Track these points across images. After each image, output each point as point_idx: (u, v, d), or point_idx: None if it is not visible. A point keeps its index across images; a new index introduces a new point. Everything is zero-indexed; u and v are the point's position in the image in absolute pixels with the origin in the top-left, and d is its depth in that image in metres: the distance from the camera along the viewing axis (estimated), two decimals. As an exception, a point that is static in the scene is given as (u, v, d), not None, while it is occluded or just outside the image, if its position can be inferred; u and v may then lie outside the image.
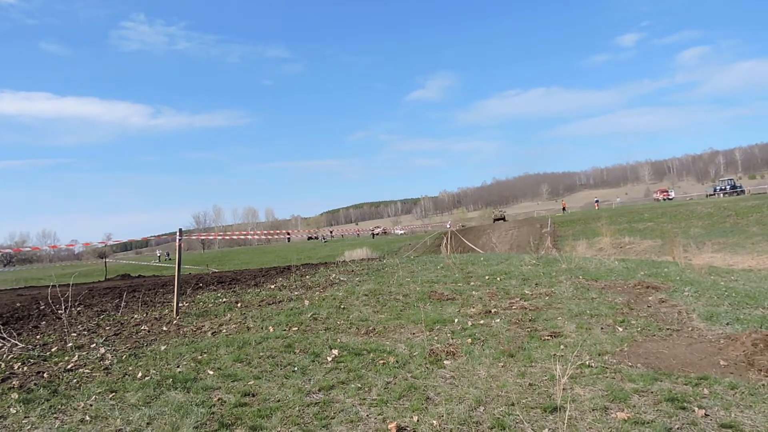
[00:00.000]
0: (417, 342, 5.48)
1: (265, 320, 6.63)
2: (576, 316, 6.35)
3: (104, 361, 5.07)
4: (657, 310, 6.71)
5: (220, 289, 9.83)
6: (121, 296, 8.97)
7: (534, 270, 10.15)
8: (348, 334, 5.93)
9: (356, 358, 4.95)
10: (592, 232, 30.18)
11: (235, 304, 7.82)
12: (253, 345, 5.44)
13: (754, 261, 18.09)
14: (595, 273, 9.63)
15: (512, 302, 7.27)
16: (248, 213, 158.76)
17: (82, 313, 7.62)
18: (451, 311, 6.84)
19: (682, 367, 4.57)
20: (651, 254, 21.57)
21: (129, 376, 4.60)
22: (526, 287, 8.35)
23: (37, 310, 8.06)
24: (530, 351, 5.04)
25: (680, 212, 33.05)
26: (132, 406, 3.88)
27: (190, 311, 7.45)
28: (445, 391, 4.08)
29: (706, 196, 61.92)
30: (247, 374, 4.56)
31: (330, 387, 4.22)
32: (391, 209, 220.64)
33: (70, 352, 5.44)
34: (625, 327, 5.84)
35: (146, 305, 8.18)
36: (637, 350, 5.04)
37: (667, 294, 7.54)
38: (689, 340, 5.36)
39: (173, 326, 6.56)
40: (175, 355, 5.17)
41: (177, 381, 4.35)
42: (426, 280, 9.44)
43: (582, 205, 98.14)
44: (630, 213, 37.89)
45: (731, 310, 6.44)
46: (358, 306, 7.37)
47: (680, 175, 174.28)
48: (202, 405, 3.86)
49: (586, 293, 7.70)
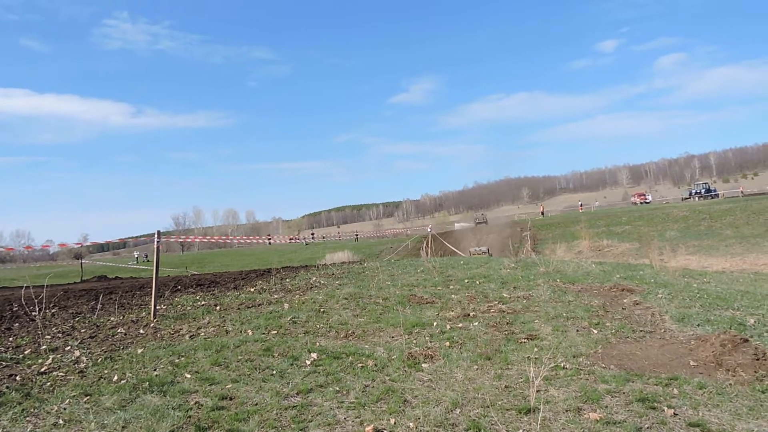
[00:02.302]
0: (396, 345, 5.51)
1: (244, 323, 6.60)
2: (552, 319, 6.45)
3: (79, 364, 5.00)
4: (631, 312, 6.85)
5: (199, 291, 9.74)
6: (97, 298, 8.83)
7: (513, 273, 10.27)
8: (327, 338, 5.94)
9: (335, 362, 4.96)
10: (571, 236, 30.58)
11: (214, 307, 7.76)
12: (231, 348, 5.41)
13: (727, 263, 18.55)
14: (573, 276, 9.78)
15: (490, 305, 7.35)
16: (229, 215, 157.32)
17: (57, 315, 7.48)
18: (430, 314, 6.89)
19: (653, 368, 4.68)
20: (628, 257, 21.95)
21: (104, 379, 4.55)
22: (504, 290, 8.45)
23: (9, 312, 7.89)
24: (507, 354, 5.11)
25: (657, 215, 33.67)
26: (107, 409, 3.85)
27: (168, 314, 7.37)
28: (422, 394, 4.12)
29: (682, 199, 63.02)
30: (224, 378, 4.55)
31: (308, 390, 4.23)
32: (373, 212, 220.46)
33: (44, 354, 5.35)
34: (600, 329, 5.95)
35: (123, 308, 8.08)
36: (611, 352, 5.15)
37: (641, 296, 7.69)
38: (661, 342, 5.49)
39: (150, 329, 6.49)
40: (152, 359, 5.13)
41: (153, 384, 4.32)
42: (406, 283, 9.48)
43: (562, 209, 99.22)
44: (608, 216, 38.46)
45: (702, 312, 6.61)
46: (338, 309, 7.38)
47: (657, 179, 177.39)
48: (178, 408, 3.84)
49: (563, 296, 7.82)
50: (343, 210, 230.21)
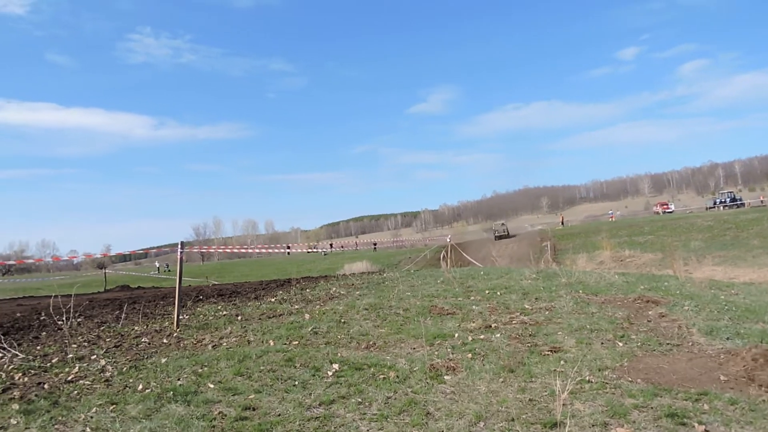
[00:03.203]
0: (417, 357, 5.48)
1: (265, 334, 6.63)
2: (576, 331, 6.36)
3: (105, 373, 5.08)
4: (657, 324, 6.72)
5: (221, 301, 9.83)
6: (121, 308, 8.97)
7: (534, 284, 10.16)
8: (348, 349, 5.93)
9: (356, 373, 4.95)
10: (592, 246, 30.18)
11: (236, 317, 7.82)
12: (253, 358, 5.44)
13: (755, 274, 18.06)
14: (595, 287, 9.64)
15: (512, 317, 7.28)
16: (248, 225, 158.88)
17: (83, 324, 7.62)
18: (452, 326, 6.84)
19: (682, 382, 4.57)
20: (651, 268, 21.56)
21: (129, 388, 4.60)
22: (526, 302, 8.36)
23: (37, 321, 8.06)
24: (530, 366, 5.04)
25: (680, 225, 33.09)
26: (133, 418, 3.89)
27: (191, 324, 7.45)
28: (445, 406, 4.09)
29: (706, 208, 61.82)
30: (247, 388, 4.57)
31: (330, 401, 4.23)
32: (391, 222, 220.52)
33: (71, 363, 5.44)
34: (625, 342, 5.85)
35: (146, 317, 8.19)
36: (637, 365, 5.05)
37: (667, 308, 7.55)
38: (689, 355, 5.36)
39: (174, 339, 6.56)
40: (175, 368, 5.18)
41: (177, 394, 4.36)
42: (426, 294, 9.44)
43: (582, 218, 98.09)
44: (630, 226, 37.92)
45: (731, 325, 6.45)
46: (359, 320, 7.38)
47: (680, 188, 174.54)
48: (202, 418, 3.86)
49: (586, 308, 7.71)
50: (361, 220, 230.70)
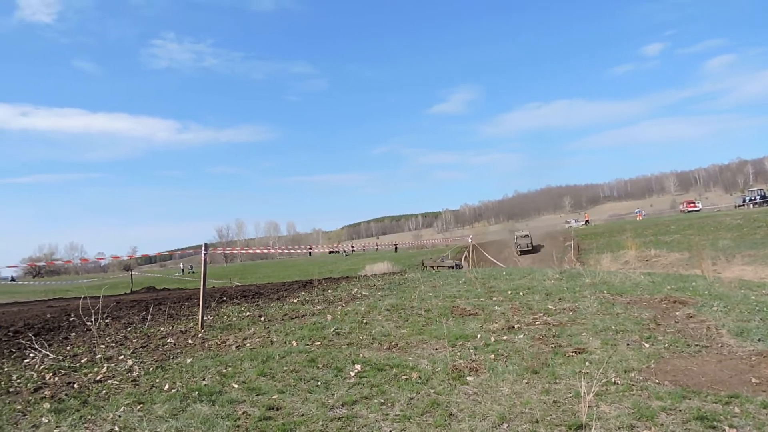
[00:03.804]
0: (439, 357, 5.47)
1: (288, 334, 6.69)
2: (601, 332, 6.27)
3: (132, 373, 5.18)
4: (685, 325, 6.58)
5: (244, 302, 9.94)
6: (147, 309, 9.13)
7: (557, 284, 10.05)
8: (370, 349, 5.94)
9: (379, 374, 4.96)
10: (616, 245, 29.73)
11: (259, 318, 7.90)
12: (276, 359, 5.49)
13: (786, 274, 17.59)
14: (620, 287, 9.48)
15: (535, 318, 7.21)
16: (270, 227, 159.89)
17: (110, 325, 7.78)
18: (474, 327, 6.81)
19: (711, 384, 4.47)
20: (678, 267, 21.14)
21: (156, 388, 4.69)
22: (549, 302, 8.27)
23: (67, 322, 8.26)
24: (554, 367, 4.99)
25: (708, 224, 32.35)
26: (159, 417, 3.96)
27: (215, 324, 7.55)
28: (468, 408, 4.07)
29: (734, 207, 60.34)
30: (271, 388, 4.61)
31: (353, 402, 4.24)
32: (412, 223, 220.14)
33: (99, 363, 5.56)
34: (651, 343, 5.74)
35: (172, 318, 8.33)
36: (664, 367, 4.95)
37: (695, 309, 7.39)
38: (719, 357, 5.24)
39: (198, 339, 6.66)
40: (200, 368, 5.25)
41: (203, 394, 4.42)
42: (448, 294, 9.41)
43: (606, 218, 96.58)
44: (656, 225, 37.23)
45: (763, 326, 6.28)
46: (381, 321, 7.38)
47: (707, 186, 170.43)
48: (227, 418, 3.91)
49: (611, 308, 7.59)
50: (382, 221, 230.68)
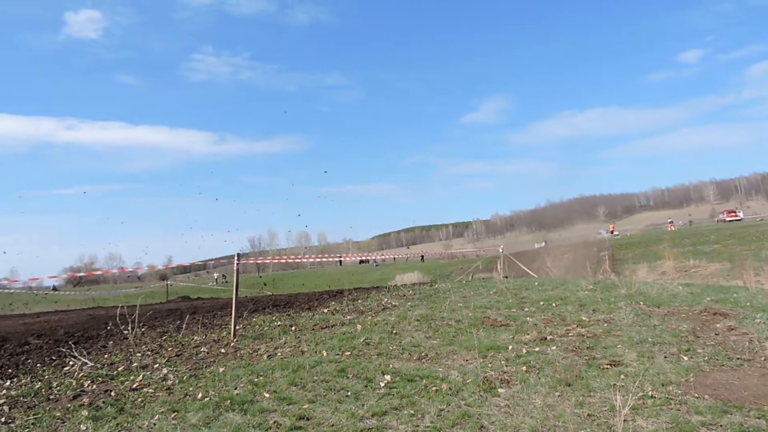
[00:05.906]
0: (470, 369, 5.41)
1: (318, 344, 6.73)
2: (637, 344, 6.10)
3: (167, 382, 5.29)
4: (725, 338, 6.35)
5: (275, 312, 10.05)
6: (181, 318, 9.33)
7: (591, 295, 9.83)
8: (400, 360, 5.92)
9: (409, 384, 4.94)
10: (653, 255, 28.88)
11: (290, 328, 7.97)
12: (307, 369, 5.53)
13: (835, 286, 16.80)
14: (657, 298, 9.22)
15: (569, 329, 7.06)
16: (301, 237, 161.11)
17: (146, 333, 7.97)
18: (505, 338, 6.72)
19: (754, 399, 4.30)
20: (718, 278, 20.41)
21: (189, 396, 4.78)
22: (583, 313, 8.10)
23: (105, 330, 8.50)
24: (588, 380, 4.88)
25: (750, 233, 31.15)
26: (193, 426, 4.03)
27: (247, 334, 7.65)
28: (499, 420, 4.01)
29: (778, 216, 58.08)
30: (301, 398, 4.64)
31: (383, 413, 4.23)
32: (443, 233, 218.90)
33: (135, 371, 5.71)
34: (690, 356, 5.56)
35: (205, 327, 8.48)
36: (704, 381, 4.79)
37: (736, 321, 7.12)
38: (762, 371, 5.04)
39: (231, 348, 6.76)
40: (232, 377, 5.33)
41: (235, 403, 4.48)
42: (479, 305, 9.31)
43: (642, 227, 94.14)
44: (695, 235, 36.09)
45: (810, 340, 6.02)
46: (411, 331, 7.36)
47: (749, 195, 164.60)
48: (258, 427, 3.95)
49: (647, 320, 7.39)
50: (412, 231, 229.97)
